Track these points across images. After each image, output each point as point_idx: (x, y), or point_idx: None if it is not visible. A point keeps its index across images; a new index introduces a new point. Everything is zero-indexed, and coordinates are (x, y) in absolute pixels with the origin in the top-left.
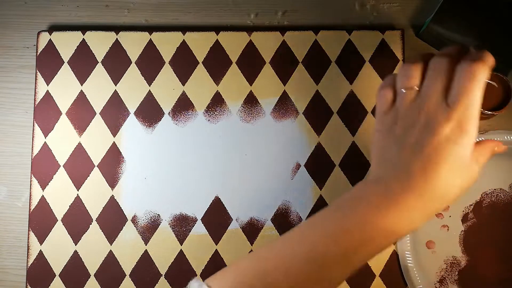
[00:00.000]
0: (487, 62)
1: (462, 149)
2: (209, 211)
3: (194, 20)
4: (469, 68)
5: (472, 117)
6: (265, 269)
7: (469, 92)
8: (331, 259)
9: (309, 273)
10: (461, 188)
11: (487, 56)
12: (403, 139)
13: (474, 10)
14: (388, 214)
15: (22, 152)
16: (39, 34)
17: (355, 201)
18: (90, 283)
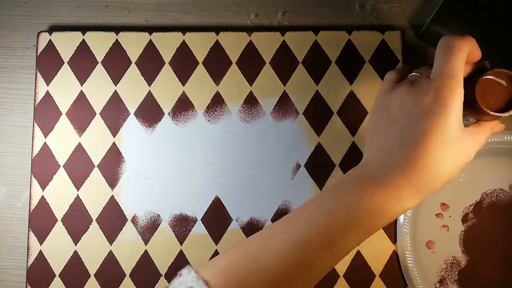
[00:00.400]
0: (466, 38)
1: (444, 120)
2: (209, 211)
3: (194, 20)
4: (445, 41)
5: (448, 87)
6: (253, 255)
7: (446, 63)
8: (317, 242)
9: (296, 257)
10: (454, 166)
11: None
12: (393, 120)
13: (474, 10)
14: (373, 196)
15: (22, 152)
16: (39, 35)
17: (340, 185)
18: (90, 283)
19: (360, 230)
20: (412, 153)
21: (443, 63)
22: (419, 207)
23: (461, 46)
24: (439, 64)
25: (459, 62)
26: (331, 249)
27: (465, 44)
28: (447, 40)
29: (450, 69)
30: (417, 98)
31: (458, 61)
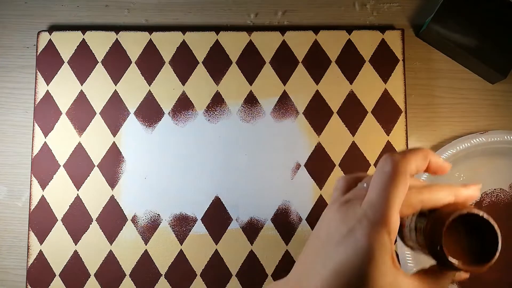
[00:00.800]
0: (410, 156)
1: (359, 247)
2: (209, 211)
3: (194, 20)
4: (382, 163)
5: (373, 215)
6: None
7: (377, 189)
8: None
9: None
10: None
11: (410, 152)
12: (316, 241)
13: (474, 10)
14: None
15: (22, 152)
16: (39, 34)
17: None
18: (90, 283)
19: None
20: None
21: (374, 192)
22: None
23: (398, 174)
24: (371, 190)
25: (392, 193)
26: None
27: (405, 170)
28: (385, 161)
29: (379, 201)
30: (340, 222)
31: (391, 193)
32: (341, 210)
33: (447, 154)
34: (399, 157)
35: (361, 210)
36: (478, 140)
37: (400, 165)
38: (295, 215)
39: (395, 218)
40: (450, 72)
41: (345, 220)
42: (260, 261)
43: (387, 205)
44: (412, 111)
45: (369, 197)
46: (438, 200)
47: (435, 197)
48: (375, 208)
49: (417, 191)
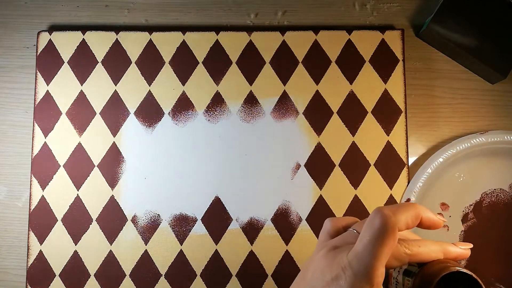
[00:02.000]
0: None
1: None
2: (209, 211)
3: (194, 20)
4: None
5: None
6: None
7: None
8: None
9: None
10: None
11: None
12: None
13: (474, 10)
14: None
15: (22, 152)
16: (39, 34)
17: None
18: (90, 283)
19: None
20: None
21: (361, 244)
22: None
23: (387, 230)
24: (358, 242)
25: (379, 249)
26: None
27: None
28: (376, 215)
29: (365, 255)
30: (326, 268)
31: (377, 248)
32: (328, 256)
33: (447, 154)
34: (390, 213)
35: (346, 260)
36: (478, 140)
37: (389, 222)
38: (295, 215)
39: (379, 272)
40: (450, 72)
41: (331, 267)
42: (260, 261)
43: (373, 259)
44: (412, 111)
45: (356, 248)
46: (427, 256)
47: (424, 252)
48: (360, 261)
49: (407, 245)
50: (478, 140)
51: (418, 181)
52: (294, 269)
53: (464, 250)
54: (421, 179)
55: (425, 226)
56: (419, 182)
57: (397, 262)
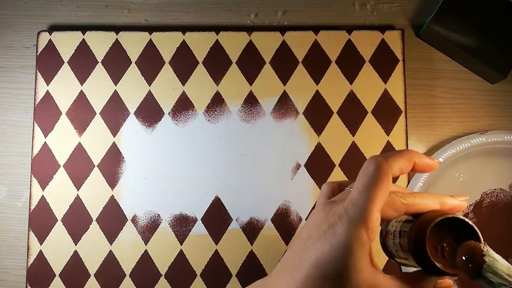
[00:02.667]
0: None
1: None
2: (209, 211)
3: (194, 20)
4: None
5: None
6: None
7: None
8: None
9: None
10: None
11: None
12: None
13: (474, 10)
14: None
15: (22, 152)
16: (39, 34)
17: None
18: (90, 283)
19: None
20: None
21: (356, 190)
22: None
23: (379, 174)
24: (353, 192)
25: (373, 192)
26: None
27: (388, 170)
28: (369, 162)
29: (360, 199)
30: (323, 219)
31: (371, 192)
32: (325, 208)
33: (447, 154)
34: (382, 159)
35: (342, 208)
36: (478, 140)
37: (382, 166)
38: (295, 215)
39: (375, 216)
40: (450, 72)
41: (327, 217)
42: (260, 261)
43: (368, 203)
44: (412, 111)
45: (351, 196)
46: (423, 205)
47: (420, 203)
48: (356, 206)
49: (402, 195)
50: (478, 140)
51: (418, 181)
52: None
53: (461, 202)
54: (421, 179)
55: (420, 169)
56: (419, 182)
57: (393, 212)
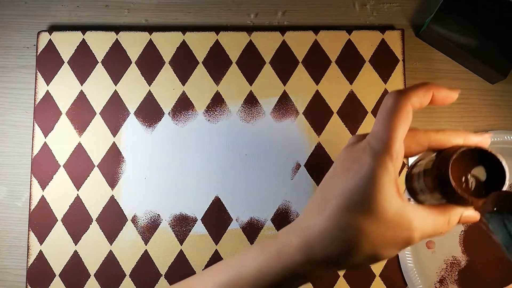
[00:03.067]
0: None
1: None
2: (209, 211)
3: (194, 20)
4: (386, 99)
5: (375, 159)
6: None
7: (379, 121)
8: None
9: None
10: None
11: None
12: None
13: (474, 10)
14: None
15: (22, 152)
16: (39, 34)
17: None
18: (90, 283)
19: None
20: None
21: (377, 124)
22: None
23: (399, 107)
24: (375, 126)
25: (393, 124)
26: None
27: (406, 103)
28: (388, 97)
29: (381, 132)
30: (345, 157)
31: (391, 124)
32: (348, 149)
33: None
34: (399, 92)
35: (364, 142)
36: None
37: (401, 97)
38: (295, 215)
39: (397, 145)
40: (450, 72)
41: (350, 155)
42: None
43: (389, 132)
44: None
45: (372, 130)
46: (447, 140)
47: (444, 137)
48: (377, 137)
49: (425, 130)
50: None
51: None
52: None
53: (484, 138)
54: None
55: (440, 101)
56: None
57: (417, 147)
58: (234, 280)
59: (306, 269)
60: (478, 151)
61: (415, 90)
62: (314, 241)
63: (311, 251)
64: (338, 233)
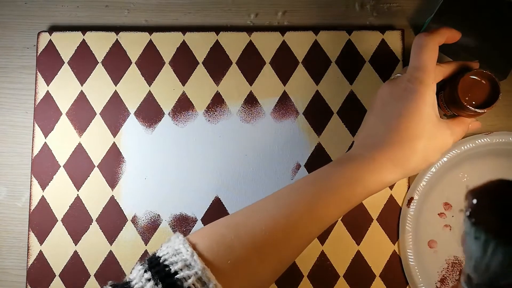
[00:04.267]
0: (434, 33)
1: (416, 104)
2: (209, 211)
3: (194, 20)
4: (416, 40)
5: (417, 78)
6: (241, 220)
7: (416, 59)
8: (299, 209)
9: (279, 222)
10: (431, 147)
11: (438, 29)
12: (376, 110)
13: (474, 10)
14: (352, 167)
15: (22, 152)
16: (39, 35)
17: (326, 166)
18: (90, 283)
19: (339, 197)
20: (388, 131)
21: (414, 59)
22: (422, 206)
23: (428, 43)
24: (411, 61)
25: (427, 56)
26: (312, 215)
27: (433, 40)
28: (417, 38)
29: (419, 64)
30: (392, 89)
31: (426, 56)
32: (391, 83)
33: (451, 154)
34: (428, 34)
35: (408, 75)
36: (483, 140)
37: (430, 38)
38: None
39: (433, 74)
40: None
41: (395, 86)
42: None
43: (428, 65)
44: None
45: (411, 65)
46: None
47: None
48: (420, 69)
49: (438, 64)
50: (482, 140)
51: (421, 180)
52: (294, 268)
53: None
54: (424, 178)
55: (450, 40)
56: (423, 181)
57: (439, 75)
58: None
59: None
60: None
61: (437, 33)
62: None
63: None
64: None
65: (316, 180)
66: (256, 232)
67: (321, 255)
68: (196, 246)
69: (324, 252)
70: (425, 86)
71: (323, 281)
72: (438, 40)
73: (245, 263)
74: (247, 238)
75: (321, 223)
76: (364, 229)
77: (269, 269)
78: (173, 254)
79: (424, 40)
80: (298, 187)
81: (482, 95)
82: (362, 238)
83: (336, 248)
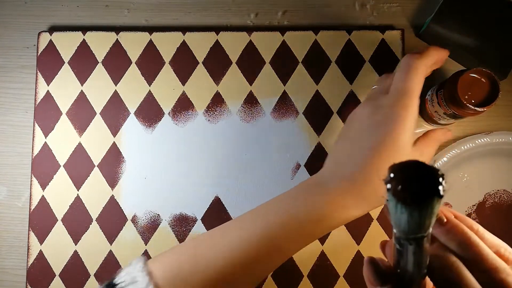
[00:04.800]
0: (425, 56)
1: (395, 135)
2: (209, 211)
3: (194, 20)
4: (405, 60)
5: (402, 104)
6: (200, 252)
7: (402, 81)
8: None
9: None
10: None
11: (427, 51)
12: (351, 133)
13: (474, 10)
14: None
15: (22, 152)
16: (40, 35)
17: (291, 191)
18: (90, 283)
19: (302, 233)
20: (360, 164)
21: (400, 81)
22: None
23: (418, 66)
24: (397, 81)
25: (416, 80)
26: (273, 251)
27: (423, 63)
28: (407, 58)
29: (405, 87)
30: (373, 113)
31: (414, 80)
32: (369, 105)
33: (451, 154)
34: (418, 55)
35: (392, 97)
36: (482, 140)
37: (420, 60)
38: None
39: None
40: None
41: (376, 112)
42: None
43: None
44: None
45: (397, 85)
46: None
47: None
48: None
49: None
50: (482, 140)
51: None
52: (294, 268)
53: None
54: None
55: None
56: None
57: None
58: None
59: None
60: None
61: (427, 55)
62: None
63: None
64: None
65: (279, 213)
66: (215, 268)
67: (321, 255)
68: (153, 275)
69: (324, 252)
70: (408, 110)
71: (323, 281)
72: (429, 64)
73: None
74: (203, 275)
75: (283, 255)
76: (364, 229)
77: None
78: (130, 282)
79: (414, 62)
80: (263, 215)
81: (482, 93)
82: (362, 238)
83: (336, 248)
